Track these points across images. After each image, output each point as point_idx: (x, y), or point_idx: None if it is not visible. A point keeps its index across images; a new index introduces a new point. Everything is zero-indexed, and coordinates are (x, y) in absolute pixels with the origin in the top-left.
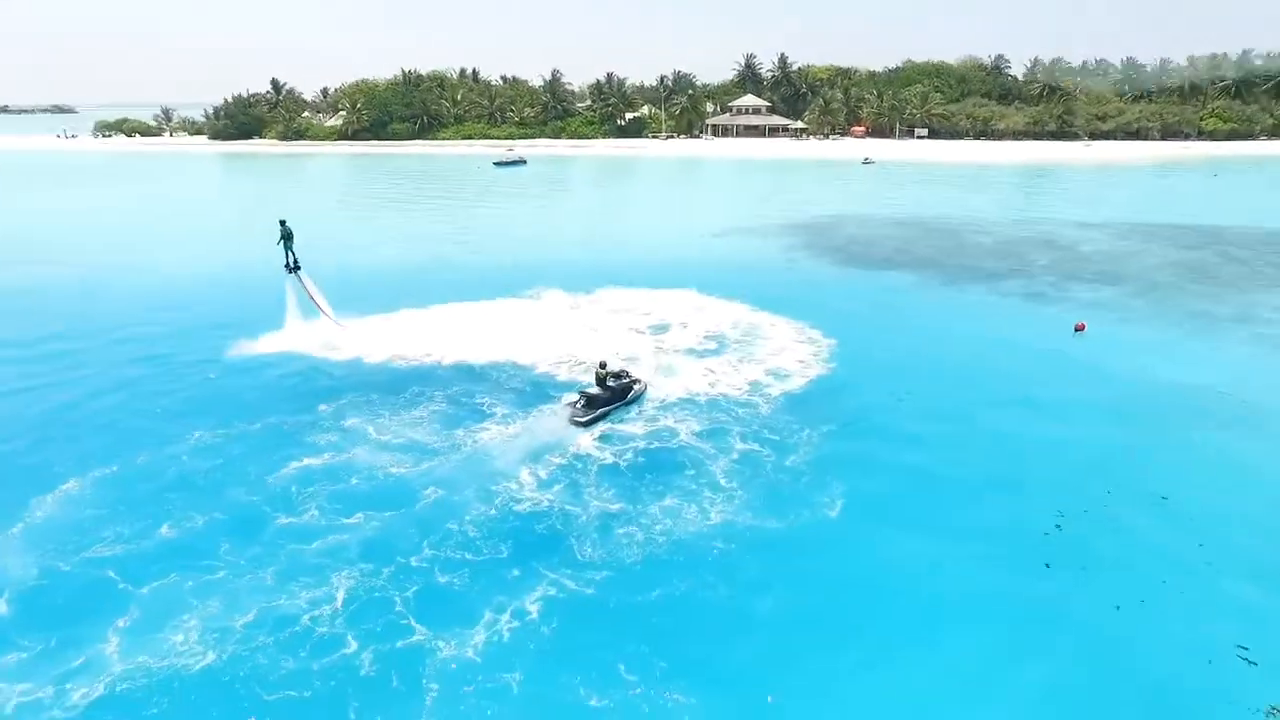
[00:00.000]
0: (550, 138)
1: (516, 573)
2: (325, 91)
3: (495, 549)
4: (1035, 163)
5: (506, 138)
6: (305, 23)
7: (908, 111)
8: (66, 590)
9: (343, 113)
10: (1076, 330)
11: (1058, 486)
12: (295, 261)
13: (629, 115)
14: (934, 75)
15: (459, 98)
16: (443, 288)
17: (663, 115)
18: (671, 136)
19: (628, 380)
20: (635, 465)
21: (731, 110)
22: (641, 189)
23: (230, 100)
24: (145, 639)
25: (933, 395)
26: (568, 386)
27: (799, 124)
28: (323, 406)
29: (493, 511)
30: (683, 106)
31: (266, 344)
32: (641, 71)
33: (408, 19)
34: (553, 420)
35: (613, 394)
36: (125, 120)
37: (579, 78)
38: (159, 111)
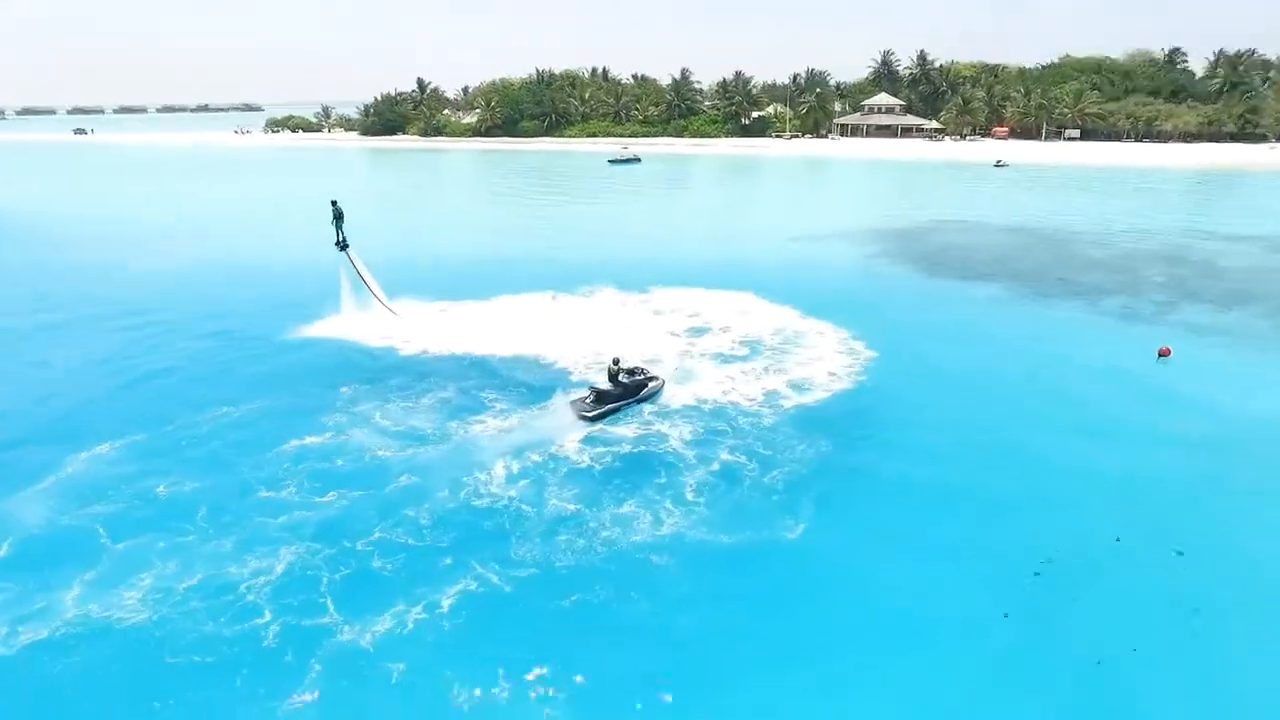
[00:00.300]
0: (673, 136)
1: (448, 562)
2: (466, 90)
3: (438, 539)
4: (1203, 167)
5: (629, 136)
6: (453, 24)
7: (1057, 111)
8: (58, 540)
9: (478, 110)
10: (1160, 355)
11: (1068, 525)
12: (344, 240)
13: (755, 114)
14: (1094, 71)
15: (587, 96)
16: (508, 281)
17: (788, 114)
18: (795, 136)
19: (642, 377)
20: (609, 469)
21: (863, 109)
22: (750, 189)
23: (379, 98)
24: (101, 592)
25: (963, 414)
26: (583, 384)
27: (933, 124)
28: (344, 389)
29: (451, 503)
30: (810, 105)
31: (321, 327)
32: (777, 70)
33: (551, 19)
34: (552, 417)
35: (625, 390)
36: (291, 117)
37: (712, 76)
38: (320, 109)
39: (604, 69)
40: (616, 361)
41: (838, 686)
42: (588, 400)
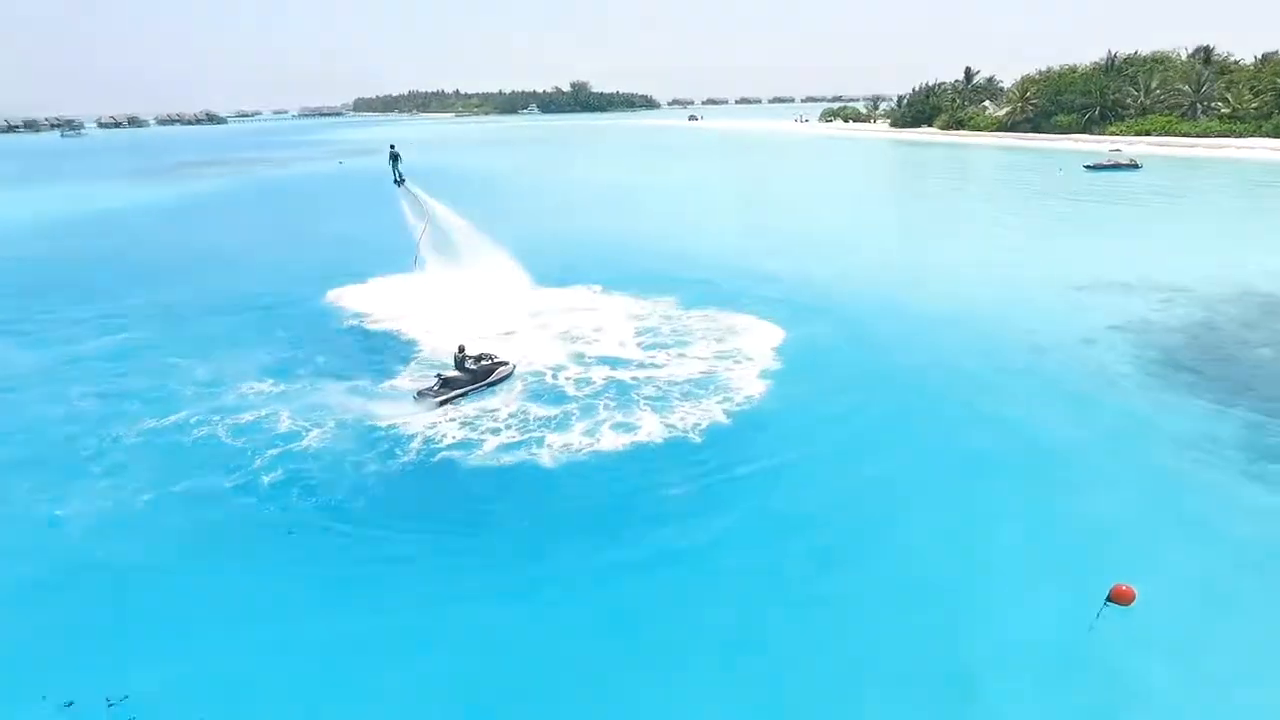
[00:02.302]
0: (1270, 136)
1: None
2: (1023, 78)
3: (70, 434)
4: None
5: (1197, 135)
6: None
7: None
8: None
9: (1013, 103)
10: (1111, 601)
11: None
12: (400, 178)
13: None
14: None
15: (1153, 85)
16: (606, 275)
17: None
18: None
19: (489, 363)
20: (225, 444)
21: None
22: (1236, 221)
23: (916, 89)
24: None
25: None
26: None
27: None
28: (282, 333)
29: (124, 432)
30: None
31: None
32: None
33: None
34: (355, 396)
35: (473, 376)
36: (844, 108)
37: None
38: (869, 100)
39: (1207, 48)
40: (461, 349)
41: None
42: (433, 387)
